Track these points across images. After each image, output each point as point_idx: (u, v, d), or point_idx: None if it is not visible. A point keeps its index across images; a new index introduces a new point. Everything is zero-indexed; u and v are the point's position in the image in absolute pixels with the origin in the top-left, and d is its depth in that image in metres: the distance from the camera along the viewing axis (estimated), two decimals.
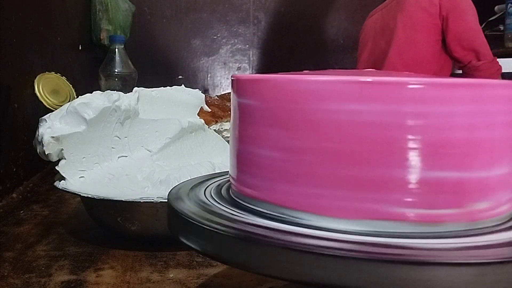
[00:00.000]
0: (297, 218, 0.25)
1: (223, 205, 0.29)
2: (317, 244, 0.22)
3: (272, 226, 0.25)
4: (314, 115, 0.25)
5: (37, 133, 0.52)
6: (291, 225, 0.25)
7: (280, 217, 0.26)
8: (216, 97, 1.05)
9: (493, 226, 0.25)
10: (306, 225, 0.25)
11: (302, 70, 0.33)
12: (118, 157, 0.56)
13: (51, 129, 0.52)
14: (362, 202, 0.24)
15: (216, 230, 0.24)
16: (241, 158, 0.29)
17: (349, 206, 0.24)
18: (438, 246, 0.22)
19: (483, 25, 1.70)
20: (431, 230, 0.24)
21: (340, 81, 0.25)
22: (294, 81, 0.26)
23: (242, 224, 0.25)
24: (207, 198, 0.30)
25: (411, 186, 0.24)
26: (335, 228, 0.24)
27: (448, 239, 0.23)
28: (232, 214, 0.27)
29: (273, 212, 0.26)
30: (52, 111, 0.55)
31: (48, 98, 0.68)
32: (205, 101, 0.69)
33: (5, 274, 0.44)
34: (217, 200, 0.30)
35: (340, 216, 0.24)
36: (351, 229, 0.24)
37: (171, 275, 0.44)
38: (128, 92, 0.59)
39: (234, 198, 0.30)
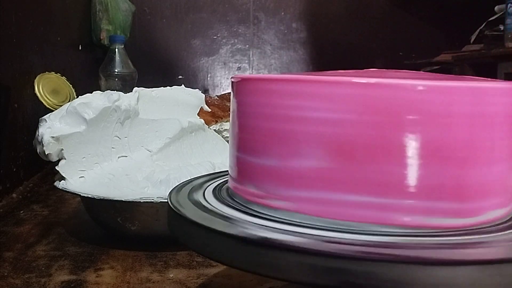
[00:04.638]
0: (296, 219, 0.26)
1: (222, 205, 0.29)
2: (316, 244, 0.22)
3: (272, 226, 0.25)
4: (307, 116, 0.25)
5: (37, 133, 0.52)
6: (290, 225, 0.25)
7: (280, 218, 0.26)
8: (216, 97, 1.05)
9: (493, 226, 0.25)
10: (305, 225, 0.25)
11: (302, 71, 0.33)
12: (118, 157, 0.56)
13: (51, 129, 0.52)
14: (361, 203, 0.24)
15: (216, 230, 0.24)
16: (238, 161, 0.29)
17: (349, 208, 0.24)
18: (438, 246, 0.22)
19: (483, 25, 1.70)
20: (431, 229, 0.24)
21: (337, 82, 0.25)
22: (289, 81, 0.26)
23: (242, 225, 0.25)
24: (206, 199, 0.30)
25: (411, 185, 0.24)
26: (335, 228, 0.24)
27: (448, 238, 0.23)
28: (232, 214, 0.27)
29: (273, 213, 0.26)
30: (52, 111, 0.55)
31: (48, 98, 0.68)
32: (205, 101, 0.69)
33: (5, 274, 0.44)
34: (217, 200, 0.30)
35: (340, 218, 0.24)
36: (351, 230, 0.24)
37: (171, 275, 0.44)
38: (128, 92, 0.59)
39: (233, 198, 0.30)
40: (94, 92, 0.56)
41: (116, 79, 1.34)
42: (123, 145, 0.57)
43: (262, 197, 0.27)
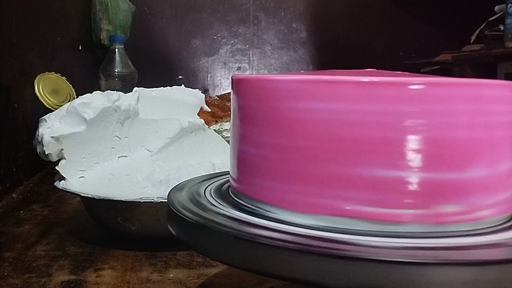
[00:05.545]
0: (297, 218, 0.26)
1: (223, 205, 0.29)
2: (316, 244, 0.22)
3: (271, 226, 0.25)
4: (294, 113, 0.25)
5: (37, 133, 0.52)
6: (290, 225, 0.25)
7: (279, 218, 0.26)
8: (216, 97, 1.05)
9: (493, 226, 0.25)
10: (305, 225, 0.25)
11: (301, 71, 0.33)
12: (118, 157, 0.56)
13: (51, 129, 0.52)
14: (357, 201, 0.24)
15: (216, 230, 0.24)
16: (233, 156, 0.29)
17: (344, 206, 0.24)
18: (437, 246, 0.22)
19: (483, 25, 1.70)
20: (430, 230, 0.24)
21: (336, 81, 0.25)
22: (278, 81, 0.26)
23: (242, 224, 0.25)
24: (207, 198, 0.30)
25: (409, 186, 0.24)
26: (335, 227, 0.24)
27: (447, 239, 0.23)
28: (232, 214, 0.27)
29: (274, 213, 0.26)
30: (52, 111, 0.55)
31: (48, 98, 0.68)
32: (205, 101, 0.69)
33: (5, 274, 0.44)
34: (217, 200, 0.30)
35: (338, 216, 0.25)
36: (348, 229, 0.24)
37: (171, 275, 0.44)
38: (128, 92, 0.59)
39: (234, 198, 0.30)
40: (94, 92, 0.56)
41: (116, 79, 1.34)
42: (123, 145, 0.57)
43: (263, 197, 0.27)
